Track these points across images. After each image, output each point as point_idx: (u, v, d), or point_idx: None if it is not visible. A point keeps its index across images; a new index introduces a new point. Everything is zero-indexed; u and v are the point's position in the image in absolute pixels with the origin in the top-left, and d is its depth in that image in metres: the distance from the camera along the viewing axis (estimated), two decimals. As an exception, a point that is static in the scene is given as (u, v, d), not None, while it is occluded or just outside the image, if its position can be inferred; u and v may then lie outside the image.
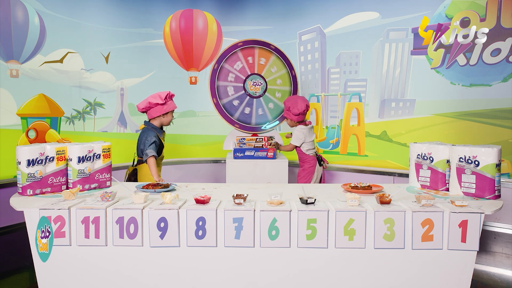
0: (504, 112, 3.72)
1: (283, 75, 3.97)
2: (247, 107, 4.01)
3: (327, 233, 1.69)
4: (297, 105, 3.50)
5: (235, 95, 3.97)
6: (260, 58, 3.94)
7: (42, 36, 3.95)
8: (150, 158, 2.75)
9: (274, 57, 3.94)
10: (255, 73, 3.95)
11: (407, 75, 4.26)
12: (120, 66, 4.68)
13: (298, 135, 3.51)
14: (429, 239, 1.68)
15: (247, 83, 3.97)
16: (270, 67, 3.95)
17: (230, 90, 3.97)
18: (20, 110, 3.82)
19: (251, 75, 3.96)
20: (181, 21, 4.75)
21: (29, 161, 1.95)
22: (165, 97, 2.91)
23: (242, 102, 3.99)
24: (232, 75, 3.94)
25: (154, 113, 2.93)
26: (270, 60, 3.94)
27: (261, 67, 3.96)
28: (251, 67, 3.95)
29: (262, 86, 3.98)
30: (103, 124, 4.61)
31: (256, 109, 4.02)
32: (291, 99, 3.58)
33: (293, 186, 2.38)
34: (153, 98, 2.90)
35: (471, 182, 1.95)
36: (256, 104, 4.01)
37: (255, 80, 3.96)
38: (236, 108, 3.98)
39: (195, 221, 1.70)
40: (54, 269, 1.78)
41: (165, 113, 2.96)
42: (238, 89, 3.98)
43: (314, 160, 3.55)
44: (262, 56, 3.94)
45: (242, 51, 3.92)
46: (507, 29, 3.64)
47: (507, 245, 3.44)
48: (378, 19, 4.38)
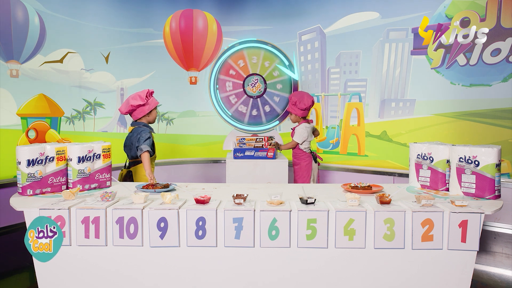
0: (504, 112, 3.72)
1: (284, 81, 3.97)
2: (243, 106, 4.01)
3: (327, 233, 1.69)
4: (303, 99, 3.51)
5: (233, 91, 3.96)
6: (265, 60, 3.94)
7: (42, 36, 3.95)
8: (144, 153, 2.71)
9: (278, 61, 3.94)
10: (257, 74, 3.95)
11: (407, 75, 4.26)
12: (120, 66, 4.67)
13: (302, 132, 3.53)
14: (429, 239, 1.68)
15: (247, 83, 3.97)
16: (272, 70, 3.95)
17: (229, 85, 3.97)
18: (20, 110, 3.82)
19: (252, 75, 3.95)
20: (181, 21, 4.75)
21: (29, 161, 1.95)
22: (145, 96, 2.87)
23: (239, 100, 3.99)
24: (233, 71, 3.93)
25: (138, 114, 2.91)
26: (274, 64, 3.94)
27: (264, 68, 3.95)
28: (254, 66, 3.94)
29: (262, 87, 3.98)
30: (103, 124, 4.61)
31: (251, 109, 4.02)
32: (297, 94, 3.58)
33: (293, 186, 2.38)
34: (133, 100, 2.85)
35: (471, 182, 1.95)
36: (252, 104, 4.01)
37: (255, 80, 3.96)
38: (232, 105, 3.98)
39: (195, 221, 1.70)
40: (54, 269, 1.78)
41: (148, 112, 2.94)
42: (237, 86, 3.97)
43: (310, 158, 3.58)
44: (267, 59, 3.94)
45: (247, 50, 3.92)
46: (507, 29, 3.64)
47: (507, 245, 3.44)
48: (378, 19, 4.38)
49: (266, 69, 3.94)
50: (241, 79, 3.95)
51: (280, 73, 3.94)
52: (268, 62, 3.93)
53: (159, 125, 5.06)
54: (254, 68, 3.93)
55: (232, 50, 3.90)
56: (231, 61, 3.90)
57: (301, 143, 3.56)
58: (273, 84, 3.96)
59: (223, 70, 3.92)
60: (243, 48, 3.90)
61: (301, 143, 3.56)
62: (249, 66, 3.93)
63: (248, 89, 3.96)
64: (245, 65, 3.93)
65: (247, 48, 3.91)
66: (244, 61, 3.92)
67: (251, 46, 3.91)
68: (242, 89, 3.96)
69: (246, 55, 3.91)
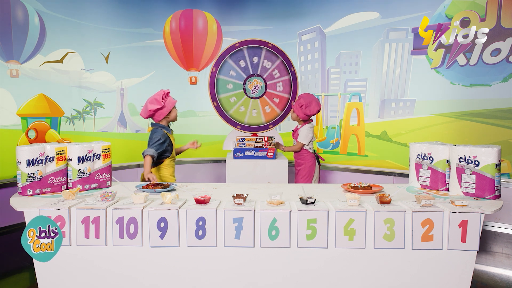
0: (504, 112, 3.72)
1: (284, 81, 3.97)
2: (243, 107, 4.01)
3: (327, 233, 1.69)
4: (311, 106, 3.47)
5: (233, 92, 3.96)
6: (264, 60, 3.94)
7: (42, 36, 3.95)
8: (146, 156, 2.72)
9: (279, 62, 3.93)
10: (258, 74, 3.95)
11: (407, 75, 4.26)
12: (120, 66, 4.68)
13: (307, 133, 3.51)
14: (429, 239, 1.68)
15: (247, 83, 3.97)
16: (272, 71, 3.94)
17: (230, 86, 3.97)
18: (20, 110, 3.82)
19: (253, 75, 3.95)
20: (181, 21, 4.75)
21: (29, 161, 1.95)
22: (161, 98, 2.89)
23: (239, 100, 3.99)
24: (233, 72, 3.93)
25: (158, 117, 2.94)
26: (274, 64, 3.93)
27: (264, 69, 3.95)
28: (254, 67, 3.94)
29: (262, 87, 3.97)
30: (103, 124, 4.61)
31: (250, 110, 4.02)
32: (307, 98, 3.50)
33: (293, 186, 2.38)
34: (151, 105, 2.87)
35: (471, 182, 1.95)
36: (252, 104, 4.01)
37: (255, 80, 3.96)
38: (232, 105, 3.98)
39: (195, 221, 1.70)
40: (54, 269, 1.78)
41: (168, 113, 2.95)
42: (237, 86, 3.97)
43: (313, 158, 3.54)
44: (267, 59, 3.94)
45: (248, 50, 3.91)
46: (507, 29, 3.64)
47: (507, 245, 3.44)
48: (378, 19, 4.38)
49: (267, 70, 3.94)
50: (241, 80, 3.95)
51: (280, 73, 3.94)
52: (269, 63, 3.93)
53: (159, 125, 5.06)
54: (254, 68, 3.93)
55: (232, 51, 3.89)
56: (231, 61, 3.90)
57: (308, 144, 3.53)
58: (273, 84, 3.96)
59: (223, 71, 3.92)
60: (244, 48, 3.89)
61: (307, 144, 3.53)
62: (249, 66, 3.93)
63: (249, 89, 3.96)
64: (246, 66, 3.93)
65: (248, 48, 3.90)
66: (244, 61, 3.91)
67: (251, 46, 3.91)
68: (243, 89, 3.96)
69: (246, 55, 3.91)
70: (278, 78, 3.94)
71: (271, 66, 3.92)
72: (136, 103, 4.88)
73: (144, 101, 4.91)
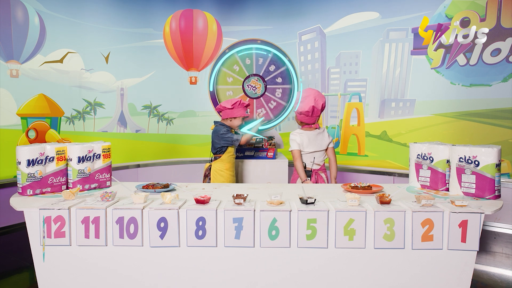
0: (504, 112, 3.72)
1: (282, 72, 3.95)
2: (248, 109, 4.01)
3: (327, 233, 1.69)
4: (302, 101, 2.93)
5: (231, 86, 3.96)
6: (258, 58, 3.93)
7: (42, 36, 3.95)
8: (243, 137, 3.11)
9: (271, 55, 3.92)
10: (254, 74, 3.95)
11: (407, 75, 4.26)
12: (120, 66, 4.68)
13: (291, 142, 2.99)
14: (429, 239, 1.68)
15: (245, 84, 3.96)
16: (268, 65, 3.94)
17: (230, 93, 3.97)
18: (20, 110, 3.82)
19: (250, 76, 3.95)
20: (181, 21, 4.75)
21: (29, 161, 1.95)
22: (233, 103, 3.13)
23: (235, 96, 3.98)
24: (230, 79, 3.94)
25: (223, 115, 3.20)
26: (267, 59, 3.93)
27: (259, 67, 3.95)
28: (249, 68, 3.94)
29: (262, 86, 3.97)
30: (103, 124, 4.61)
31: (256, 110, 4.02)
32: (305, 92, 3.00)
33: (293, 186, 2.38)
34: (226, 102, 3.16)
35: (471, 182, 1.95)
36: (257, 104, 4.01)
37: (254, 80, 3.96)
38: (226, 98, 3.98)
39: (195, 221, 1.70)
40: (54, 269, 1.78)
41: (232, 117, 3.17)
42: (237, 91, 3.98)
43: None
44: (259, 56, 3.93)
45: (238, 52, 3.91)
46: (507, 29, 3.64)
47: (507, 245, 3.44)
48: (378, 19, 4.38)
49: (262, 67, 3.93)
50: (239, 83, 3.94)
51: (277, 66, 3.92)
52: (261, 60, 3.92)
53: (159, 125, 5.07)
54: (249, 69, 3.93)
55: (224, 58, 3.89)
56: (225, 69, 3.90)
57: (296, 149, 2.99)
58: (272, 79, 3.95)
59: (220, 81, 3.92)
60: (234, 53, 3.89)
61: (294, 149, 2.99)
62: (244, 69, 3.93)
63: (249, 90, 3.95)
64: (241, 69, 3.93)
65: (238, 52, 3.91)
66: (238, 65, 3.91)
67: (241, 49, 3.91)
68: (243, 93, 3.96)
69: (239, 59, 3.91)
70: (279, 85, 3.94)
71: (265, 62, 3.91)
72: (136, 103, 4.88)
73: (144, 101, 4.93)
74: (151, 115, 5.00)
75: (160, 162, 4.99)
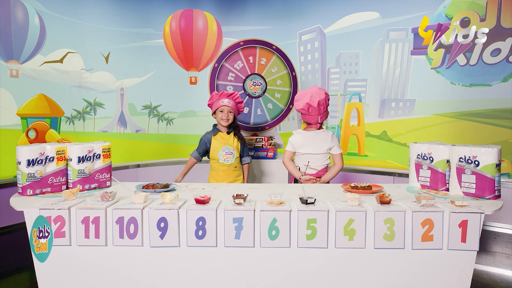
0: (504, 112, 3.72)
1: (284, 76, 3.96)
2: (246, 107, 4.01)
3: (327, 233, 1.69)
4: (300, 99, 2.79)
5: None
6: (261, 58, 3.94)
7: (42, 36, 3.95)
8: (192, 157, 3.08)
9: (275, 57, 3.93)
10: (255, 73, 3.95)
11: (407, 75, 4.26)
12: (120, 66, 4.68)
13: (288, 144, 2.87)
14: (429, 239, 1.68)
15: (246, 83, 3.97)
16: (270, 67, 3.94)
17: (230, 89, 3.98)
18: (20, 110, 3.82)
19: (251, 75, 3.95)
20: (181, 21, 4.75)
21: (29, 161, 1.95)
22: (211, 97, 3.01)
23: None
24: (232, 75, 3.94)
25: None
26: (271, 61, 3.93)
27: (261, 67, 3.95)
28: (251, 67, 3.94)
29: (262, 86, 3.97)
30: (103, 124, 4.61)
31: (255, 109, 4.02)
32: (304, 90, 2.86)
33: (293, 186, 2.38)
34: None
35: (471, 182, 1.95)
36: (255, 104, 4.01)
37: (254, 80, 3.96)
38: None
39: (195, 221, 1.70)
40: (54, 269, 1.78)
41: (213, 113, 3.01)
42: (237, 89, 3.98)
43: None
44: (263, 56, 3.94)
45: (243, 50, 3.92)
46: (507, 29, 3.64)
47: (507, 245, 3.44)
48: (378, 19, 4.38)
49: (263, 67, 3.93)
50: (240, 81, 3.94)
51: (279, 68, 3.93)
52: (264, 60, 3.92)
53: (159, 125, 5.07)
54: (251, 68, 3.93)
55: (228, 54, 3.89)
56: (228, 64, 3.90)
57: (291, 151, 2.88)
58: (273, 80, 3.95)
59: (221, 76, 3.92)
60: (238, 49, 3.89)
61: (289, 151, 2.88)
62: (246, 67, 3.93)
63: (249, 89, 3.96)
64: (243, 67, 3.93)
65: (242, 49, 3.90)
66: (242, 62, 3.91)
67: (245, 46, 3.90)
68: (243, 91, 3.96)
69: (242, 56, 3.91)
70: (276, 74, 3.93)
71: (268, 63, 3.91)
72: (136, 103, 4.88)
73: (144, 101, 4.93)
74: (151, 115, 5.00)
75: (160, 162, 4.99)
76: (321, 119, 2.79)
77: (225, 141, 2.95)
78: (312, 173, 2.78)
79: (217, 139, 2.95)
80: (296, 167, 2.80)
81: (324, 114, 2.82)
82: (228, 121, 2.92)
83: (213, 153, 2.94)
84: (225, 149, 2.93)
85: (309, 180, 2.72)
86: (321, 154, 2.77)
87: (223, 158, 2.93)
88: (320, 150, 2.76)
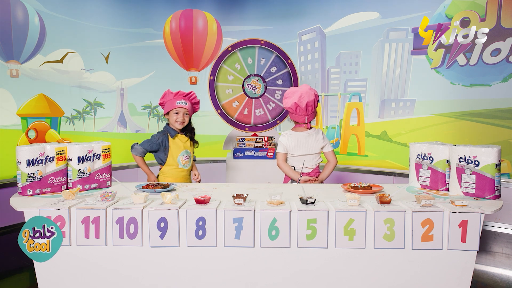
0: (504, 112, 3.72)
1: (283, 75, 3.97)
2: (246, 107, 4.01)
3: (327, 233, 1.69)
4: (290, 97, 2.72)
5: (234, 96, 3.97)
6: (260, 58, 3.94)
7: (42, 36, 3.95)
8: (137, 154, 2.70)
9: (274, 57, 3.93)
10: (255, 74, 3.95)
11: (407, 75, 4.26)
12: (120, 66, 4.68)
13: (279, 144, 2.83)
14: (429, 239, 1.68)
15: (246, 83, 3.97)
16: (270, 67, 3.94)
17: (229, 91, 3.98)
18: (20, 110, 3.82)
19: (250, 76, 3.95)
20: (181, 21, 4.75)
21: (29, 161, 1.95)
22: (163, 95, 2.75)
23: (241, 103, 3.99)
24: (230, 77, 3.94)
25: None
26: (270, 61, 3.94)
27: (261, 67, 3.95)
28: (250, 67, 3.94)
29: (262, 86, 3.98)
30: (103, 124, 4.61)
31: (255, 109, 4.02)
32: (294, 87, 2.81)
33: (293, 186, 2.38)
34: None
35: (471, 182, 1.95)
36: (255, 104, 4.02)
37: (254, 80, 3.96)
38: (235, 109, 3.98)
39: (195, 221, 1.70)
40: (54, 269, 1.78)
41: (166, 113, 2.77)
42: (237, 89, 3.98)
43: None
44: (262, 56, 3.94)
45: (242, 50, 3.92)
46: (507, 29, 3.64)
47: (507, 245, 3.44)
48: (378, 19, 4.38)
49: (263, 67, 3.94)
50: (239, 82, 3.95)
51: (279, 68, 3.93)
52: (263, 60, 3.92)
53: (159, 125, 5.06)
54: (251, 69, 3.93)
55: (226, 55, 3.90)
56: (226, 66, 3.90)
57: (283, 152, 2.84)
58: (273, 80, 3.95)
59: (220, 78, 3.92)
60: (237, 50, 3.89)
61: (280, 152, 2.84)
62: (246, 68, 3.93)
63: (249, 90, 3.96)
64: (242, 68, 3.93)
65: (240, 50, 3.90)
66: (240, 63, 3.91)
67: (244, 47, 3.91)
68: (243, 92, 3.96)
69: (240, 57, 3.91)
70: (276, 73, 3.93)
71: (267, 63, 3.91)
72: (136, 103, 4.88)
73: (144, 101, 4.93)
74: (151, 115, 5.00)
75: (160, 162, 4.99)
76: (308, 119, 2.76)
77: (184, 144, 2.74)
78: (307, 172, 2.77)
79: (176, 143, 2.71)
80: (291, 168, 2.79)
81: (312, 115, 2.78)
82: (183, 123, 2.70)
83: (171, 159, 2.67)
84: (185, 153, 2.72)
85: (308, 181, 2.72)
86: (314, 154, 2.78)
87: (182, 163, 2.71)
88: (314, 150, 2.76)
